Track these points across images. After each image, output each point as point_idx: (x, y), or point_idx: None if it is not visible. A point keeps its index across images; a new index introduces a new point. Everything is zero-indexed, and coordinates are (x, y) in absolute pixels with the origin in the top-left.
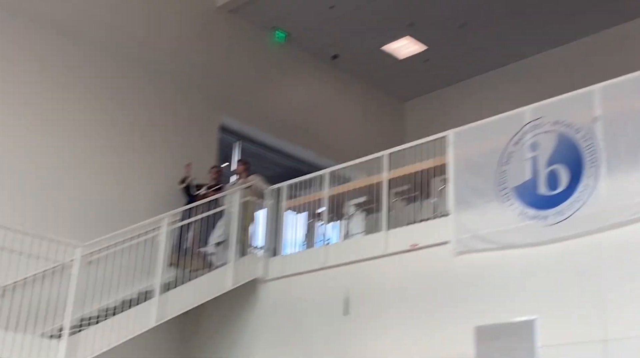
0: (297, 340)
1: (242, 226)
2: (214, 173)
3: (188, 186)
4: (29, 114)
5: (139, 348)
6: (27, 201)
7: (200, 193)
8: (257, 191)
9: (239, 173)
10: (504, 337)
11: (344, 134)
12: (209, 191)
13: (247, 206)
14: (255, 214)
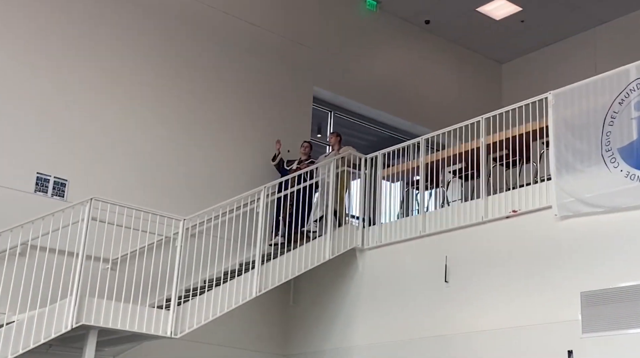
0: (396, 308)
1: (337, 196)
2: (305, 147)
3: (280, 163)
4: (135, 95)
5: (242, 318)
6: (131, 178)
7: (293, 168)
8: (351, 162)
9: (332, 144)
10: (610, 302)
11: (439, 101)
12: (301, 165)
13: (341, 176)
14: (350, 184)
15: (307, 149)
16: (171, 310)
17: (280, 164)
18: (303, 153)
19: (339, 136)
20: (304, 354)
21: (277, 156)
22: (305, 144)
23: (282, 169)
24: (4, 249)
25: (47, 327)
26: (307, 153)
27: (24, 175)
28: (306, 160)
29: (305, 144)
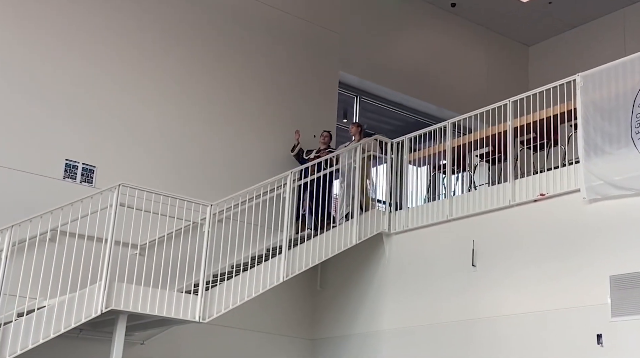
0: (423, 292)
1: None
2: (324, 136)
3: (299, 153)
4: (161, 83)
5: (269, 303)
6: (159, 165)
7: (311, 157)
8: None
9: (353, 134)
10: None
11: (465, 84)
12: (320, 154)
13: (361, 164)
14: (370, 170)
15: (327, 139)
16: (199, 295)
17: (299, 154)
18: (322, 142)
19: (360, 126)
20: (331, 338)
21: (296, 147)
22: (324, 133)
23: (302, 160)
24: (34, 235)
25: (78, 311)
26: (326, 142)
27: (53, 162)
28: (325, 149)
29: (324, 134)
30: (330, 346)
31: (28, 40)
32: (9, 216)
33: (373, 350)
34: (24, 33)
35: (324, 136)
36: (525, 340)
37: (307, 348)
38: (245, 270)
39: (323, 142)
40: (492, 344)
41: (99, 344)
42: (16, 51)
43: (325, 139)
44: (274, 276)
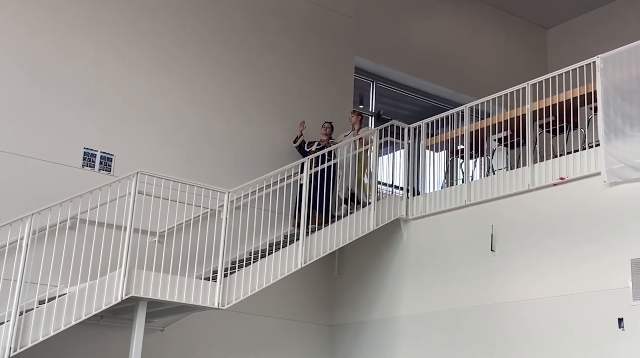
0: (442, 278)
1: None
2: (326, 128)
3: (302, 144)
4: (179, 70)
5: (287, 290)
6: (176, 152)
7: (312, 149)
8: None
9: (353, 123)
10: None
11: (483, 68)
12: (322, 144)
13: (359, 158)
14: (368, 165)
15: (328, 130)
16: (218, 282)
17: (301, 145)
18: (324, 134)
19: (360, 115)
20: (349, 324)
21: (298, 138)
22: (325, 124)
23: (303, 151)
24: (55, 223)
25: (98, 298)
26: (327, 133)
27: (72, 151)
28: (327, 141)
29: (325, 125)
30: (348, 332)
31: (46, 29)
32: (29, 205)
33: (391, 335)
34: (41, 22)
35: (325, 127)
36: (546, 325)
37: (325, 334)
38: (263, 256)
39: (324, 133)
40: (511, 329)
41: (120, 331)
42: (34, 40)
43: (326, 130)
44: (291, 262)
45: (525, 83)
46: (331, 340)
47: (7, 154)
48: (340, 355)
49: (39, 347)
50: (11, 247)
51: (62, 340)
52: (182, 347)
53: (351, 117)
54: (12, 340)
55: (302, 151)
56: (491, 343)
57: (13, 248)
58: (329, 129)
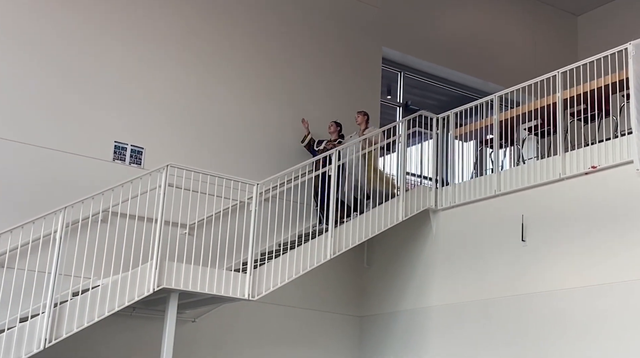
0: (472, 268)
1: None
2: (330, 126)
3: (310, 143)
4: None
5: (317, 281)
6: (205, 145)
7: (321, 148)
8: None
9: (359, 123)
10: None
11: (512, 56)
12: (328, 145)
13: (368, 158)
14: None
15: (333, 128)
16: (248, 273)
17: (310, 144)
18: (330, 133)
19: (366, 114)
20: (379, 315)
21: (306, 137)
22: (330, 124)
23: (313, 151)
24: (87, 216)
25: (130, 290)
26: (334, 131)
27: (103, 144)
28: (335, 140)
29: (330, 124)
30: (379, 323)
31: (75, 25)
32: (62, 198)
33: (422, 326)
34: (69, 18)
35: (329, 126)
36: (579, 315)
37: (355, 325)
38: (292, 248)
39: (331, 132)
40: (544, 319)
41: (152, 322)
42: (65, 39)
43: (331, 129)
44: (321, 254)
45: (556, 71)
46: (361, 331)
47: (41, 149)
48: (370, 346)
49: (73, 338)
50: (45, 240)
51: (95, 332)
52: (213, 337)
53: (357, 117)
54: (47, 331)
55: (312, 150)
56: (524, 334)
57: (47, 240)
58: (334, 128)
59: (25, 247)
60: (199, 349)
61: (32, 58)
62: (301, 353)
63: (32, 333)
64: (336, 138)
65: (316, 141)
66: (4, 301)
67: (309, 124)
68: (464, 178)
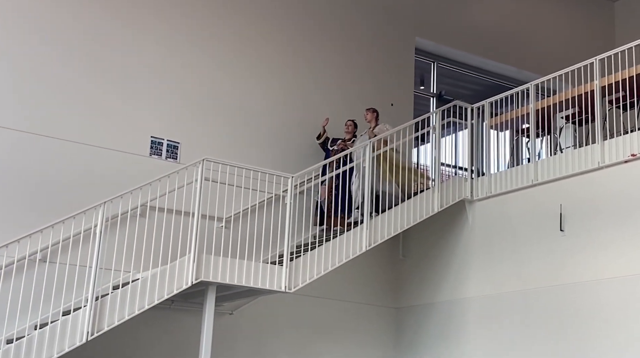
0: (510, 258)
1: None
2: (348, 126)
3: (325, 141)
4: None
5: (352, 273)
6: (239, 138)
7: (335, 148)
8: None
9: (369, 121)
10: None
11: (547, 44)
12: (342, 145)
13: (383, 157)
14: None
15: (351, 128)
16: (284, 266)
17: (325, 143)
18: (347, 132)
19: (375, 111)
20: (416, 307)
21: (322, 135)
22: (348, 122)
23: (327, 149)
24: (126, 211)
25: (169, 283)
26: (351, 131)
27: (140, 140)
28: (349, 140)
29: (348, 123)
30: (415, 314)
31: (111, 23)
32: (101, 193)
33: (459, 317)
34: (106, 13)
35: (347, 126)
36: (620, 305)
37: (391, 316)
38: (327, 240)
39: (347, 131)
40: (584, 309)
41: (190, 315)
42: (101, 36)
43: (349, 128)
44: (356, 246)
45: (593, 58)
46: (397, 323)
47: (80, 145)
48: (407, 337)
49: (114, 331)
50: (86, 234)
51: (135, 324)
52: (251, 329)
53: (366, 114)
54: (89, 324)
55: (326, 148)
56: (563, 325)
57: (87, 235)
58: (352, 128)
59: (67, 242)
60: (236, 341)
61: (69, 56)
62: (338, 344)
63: (74, 326)
64: (351, 138)
65: (331, 140)
66: (47, 295)
67: (328, 122)
68: (500, 168)
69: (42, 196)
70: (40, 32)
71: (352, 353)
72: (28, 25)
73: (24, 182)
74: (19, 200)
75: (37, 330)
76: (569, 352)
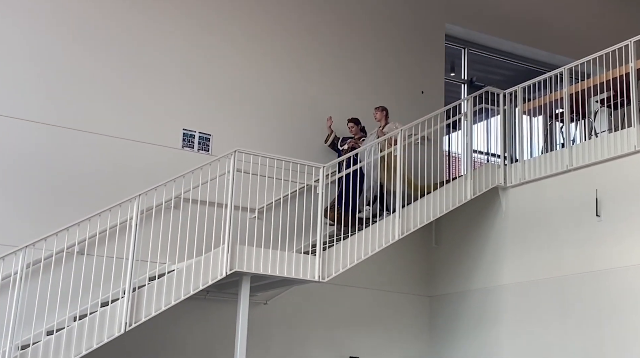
0: (545, 245)
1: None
2: (350, 127)
3: (334, 141)
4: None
5: (385, 261)
6: (270, 129)
7: (345, 148)
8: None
9: (378, 120)
10: None
11: (580, 27)
12: (351, 144)
13: (387, 159)
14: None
15: (355, 129)
16: (317, 255)
17: (334, 144)
18: (352, 133)
19: (385, 109)
20: (449, 295)
21: (329, 136)
22: (349, 124)
23: (337, 150)
24: (160, 203)
25: (204, 274)
26: (355, 131)
27: (172, 132)
28: (360, 138)
29: (349, 124)
30: (449, 302)
31: (142, 16)
32: (135, 186)
33: (494, 305)
34: (137, 7)
35: (349, 127)
36: None
37: (425, 304)
38: (360, 229)
39: (352, 132)
40: (621, 295)
41: (225, 305)
42: (132, 29)
43: (352, 129)
44: (389, 235)
45: (628, 40)
46: (431, 311)
47: (114, 139)
48: (441, 325)
49: (151, 322)
50: (121, 227)
51: (171, 315)
52: (285, 319)
53: (375, 113)
54: (127, 315)
55: (336, 149)
56: (600, 311)
57: (123, 227)
58: (355, 128)
59: (103, 234)
60: (271, 331)
61: (102, 52)
62: (371, 334)
63: (112, 317)
64: (359, 136)
65: (340, 139)
66: (86, 287)
67: (332, 122)
68: (534, 154)
69: (78, 190)
70: (73, 28)
71: (385, 343)
72: (61, 21)
73: (60, 177)
74: (56, 194)
75: (77, 322)
76: (605, 339)
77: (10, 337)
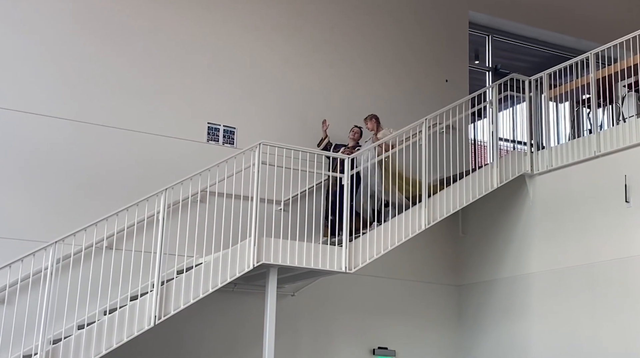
0: (574, 232)
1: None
2: (355, 133)
3: (327, 147)
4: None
5: (412, 251)
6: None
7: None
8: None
9: (370, 129)
10: None
11: (605, 11)
12: (348, 151)
13: (385, 165)
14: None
15: (357, 136)
16: (344, 246)
17: (327, 149)
18: (351, 139)
19: (374, 117)
20: (477, 284)
21: (323, 140)
22: (355, 129)
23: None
24: (186, 197)
25: (232, 266)
26: (356, 139)
27: (197, 126)
28: (354, 147)
29: (355, 129)
30: (477, 291)
31: (168, 8)
32: (162, 180)
33: (522, 293)
34: (162, 3)
35: (353, 132)
36: None
37: (453, 294)
38: (386, 220)
39: (352, 138)
40: None
41: (252, 297)
42: (157, 24)
43: (355, 135)
44: (415, 224)
45: None
46: (459, 300)
47: (139, 134)
48: (470, 314)
49: (179, 315)
50: (149, 221)
51: (200, 308)
52: (312, 310)
53: (366, 123)
54: (156, 308)
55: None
56: (629, 298)
57: (150, 221)
58: (358, 135)
59: (131, 229)
60: (299, 322)
61: (127, 46)
62: (399, 324)
63: (142, 311)
64: (355, 145)
65: (333, 145)
66: (115, 282)
67: (328, 126)
68: (560, 140)
69: (106, 186)
70: (98, 22)
71: (414, 333)
72: (86, 16)
73: (87, 173)
74: (84, 190)
75: (107, 316)
76: (634, 326)
77: (42, 331)
